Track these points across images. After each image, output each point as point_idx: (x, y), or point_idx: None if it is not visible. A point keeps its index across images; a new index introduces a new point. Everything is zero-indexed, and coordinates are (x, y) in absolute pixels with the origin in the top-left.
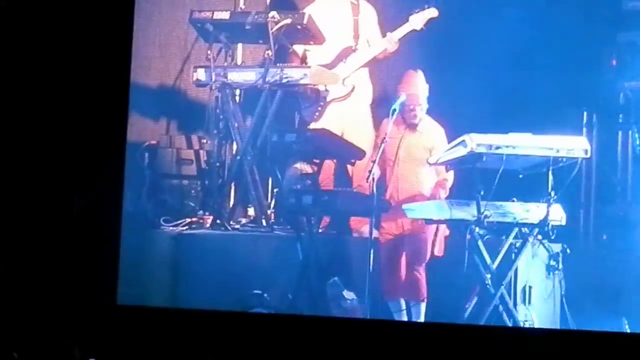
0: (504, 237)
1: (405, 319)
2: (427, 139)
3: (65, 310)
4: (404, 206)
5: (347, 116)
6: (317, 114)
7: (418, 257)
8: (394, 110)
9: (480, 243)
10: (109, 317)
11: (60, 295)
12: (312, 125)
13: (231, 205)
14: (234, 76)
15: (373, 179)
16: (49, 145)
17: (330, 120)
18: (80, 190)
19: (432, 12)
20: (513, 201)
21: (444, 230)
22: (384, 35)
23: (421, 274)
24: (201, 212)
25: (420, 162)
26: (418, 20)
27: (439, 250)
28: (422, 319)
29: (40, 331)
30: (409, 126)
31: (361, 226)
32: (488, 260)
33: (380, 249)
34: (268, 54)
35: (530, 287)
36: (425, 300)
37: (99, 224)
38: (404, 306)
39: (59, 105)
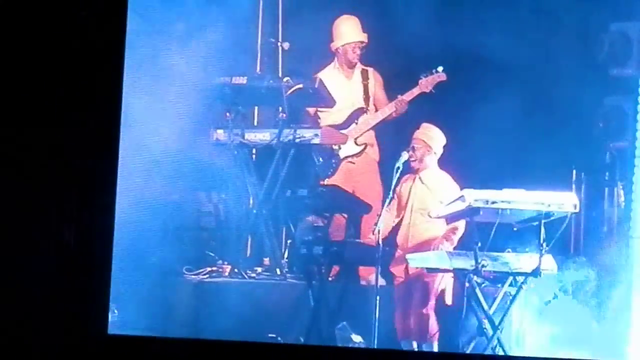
0: (499, 285)
1: None
2: (437, 191)
3: (58, 341)
4: (408, 256)
5: (357, 173)
6: (331, 170)
7: (424, 300)
8: (398, 168)
9: (477, 290)
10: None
11: (52, 326)
12: (327, 181)
13: (248, 255)
14: (251, 136)
15: (379, 231)
16: (51, 176)
17: (343, 176)
18: (73, 221)
19: (442, 77)
20: (508, 252)
21: (449, 280)
22: (391, 98)
23: (430, 316)
24: (220, 261)
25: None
26: (427, 83)
27: (448, 299)
28: None
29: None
30: (415, 172)
31: (369, 275)
32: (485, 307)
33: (393, 293)
34: (282, 115)
35: (523, 332)
36: (436, 341)
37: (91, 255)
38: (415, 347)
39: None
